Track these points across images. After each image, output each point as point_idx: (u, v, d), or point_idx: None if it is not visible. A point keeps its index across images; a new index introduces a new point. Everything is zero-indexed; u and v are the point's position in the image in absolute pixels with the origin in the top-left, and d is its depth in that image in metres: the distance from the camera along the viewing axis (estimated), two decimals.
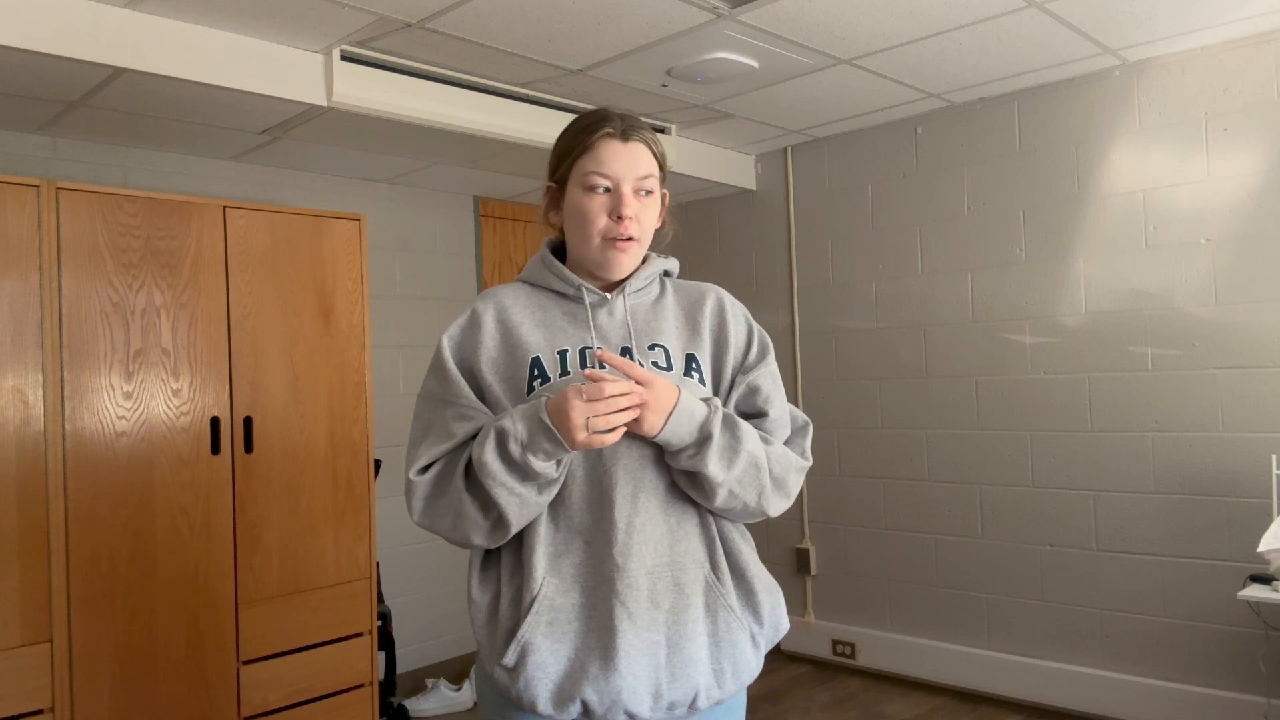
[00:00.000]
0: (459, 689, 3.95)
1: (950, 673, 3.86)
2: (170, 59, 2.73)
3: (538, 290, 1.49)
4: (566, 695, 1.30)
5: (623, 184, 1.41)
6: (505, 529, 1.32)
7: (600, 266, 1.44)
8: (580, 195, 1.42)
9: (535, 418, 1.27)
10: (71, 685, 2.69)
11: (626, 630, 1.30)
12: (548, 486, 1.32)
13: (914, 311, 3.99)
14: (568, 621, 1.31)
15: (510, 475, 1.28)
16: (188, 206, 3.00)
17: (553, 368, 1.38)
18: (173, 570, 2.91)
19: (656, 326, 1.46)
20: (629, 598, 1.31)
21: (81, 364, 2.75)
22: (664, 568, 1.34)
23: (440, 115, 3.24)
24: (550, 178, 1.50)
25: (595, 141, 1.41)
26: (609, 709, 1.30)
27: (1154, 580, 3.35)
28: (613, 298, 1.46)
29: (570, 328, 1.43)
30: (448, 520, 1.35)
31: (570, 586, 1.33)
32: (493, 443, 1.29)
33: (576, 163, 1.43)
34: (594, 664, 1.30)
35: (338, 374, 3.33)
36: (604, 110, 1.46)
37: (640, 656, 1.30)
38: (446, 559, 4.32)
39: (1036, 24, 2.98)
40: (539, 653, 1.30)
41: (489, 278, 4.62)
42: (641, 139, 1.44)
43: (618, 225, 1.40)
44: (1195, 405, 3.26)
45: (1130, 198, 3.40)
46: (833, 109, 3.82)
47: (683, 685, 1.32)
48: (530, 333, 1.42)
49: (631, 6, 2.74)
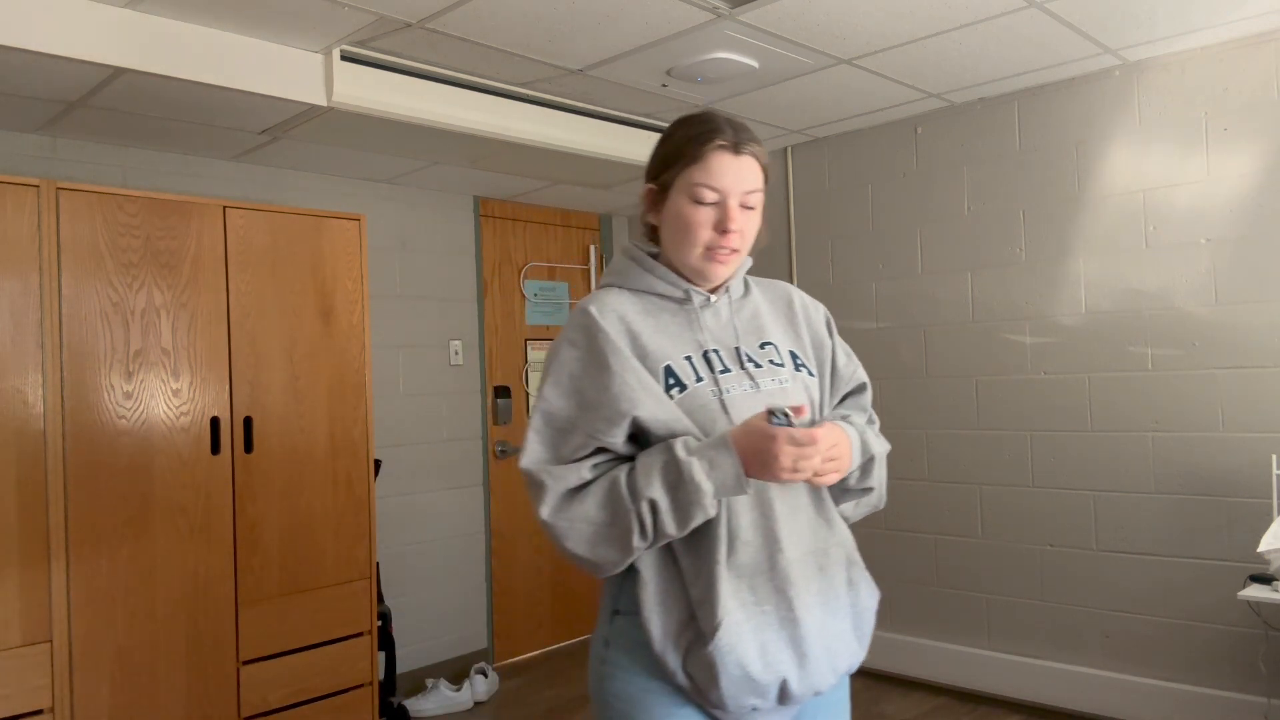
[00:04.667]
0: (459, 689, 3.95)
1: (950, 673, 3.86)
2: (170, 59, 2.73)
3: (639, 294, 1.46)
4: (763, 686, 1.33)
5: (730, 197, 1.41)
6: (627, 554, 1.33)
7: (698, 275, 1.46)
8: (686, 204, 1.42)
9: (726, 458, 1.30)
10: (71, 685, 2.69)
11: (805, 617, 1.35)
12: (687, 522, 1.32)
13: (914, 311, 3.99)
14: (755, 616, 1.34)
15: (673, 511, 1.29)
16: (188, 206, 3.00)
17: (686, 375, 1.39)
18: (173, 570, 2.91)
19: (759, 325, 1.50)
20: (801, 586, 1.36)
21: (81, 364, 2.75)
22: (820, 553, 1.41)
23: (440, 115, 3.24)
24: (651, 179, 1.49)
25: (707, 153, 1.40)
26: (803, 692, 1.37)
27: (1154, 580, 3.35)
28: (716, 299, 1.48)
29: (685, 331, 1.44)
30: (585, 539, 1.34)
31: (749, 582, 1.35)
32: (665, 476, 1.30)
33: (685, 171, 1.41)
34: (785, 652, 1.34)
35: (338, 374, 3.33)
36: (714, 117, 1.44)
37: (818, 638, 1.37)
38: (446, 559, 4.33)
39: (1036, 24, 2.98)
40: (736, 647, 1.31)
41: (489, 278, 4.62)
42: (752, 151, 1.43)
43: (722, 238, 1.41)
44: (1195, 405, 3.26)
45: (1130, 197, 3.40)
46: (833, 109, 3.82)
47: (845, 656, 1.42)
48: (652, 339, 1.40)
49: (631, 6, 2.74)
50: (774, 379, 1.45)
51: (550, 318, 4.90)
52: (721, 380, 1.40)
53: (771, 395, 1.42)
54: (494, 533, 4.54)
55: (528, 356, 4.76)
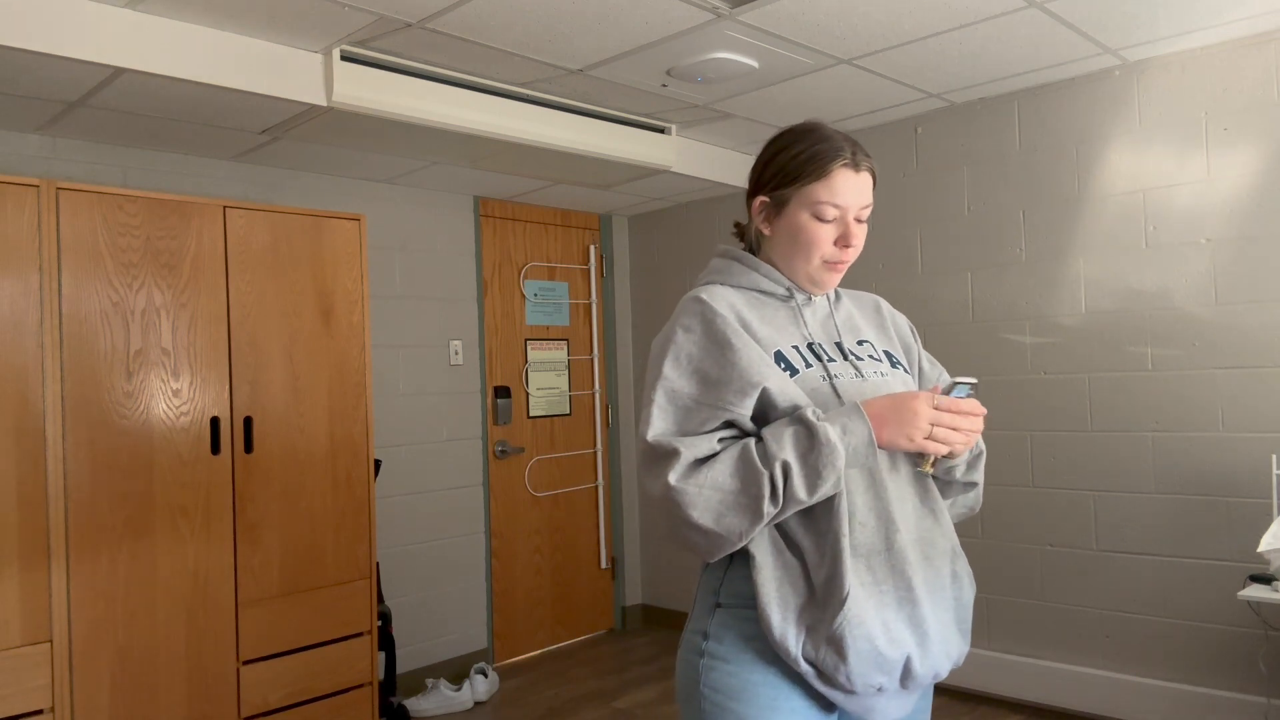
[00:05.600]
0: (459, 689, 3.95)
1: (950, 673, 3.85)
2: (170, 59, 2.73)
3: (743, 290, 1.51)
4: (890, 662, 1.35)
5: (849, 213, 1.46)
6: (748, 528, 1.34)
7: (814, 284, 1.51)
8: (807, 219, 1.46)
9: (860, 425, 1.34)
10: (71, 685, 2.69)
11: (923, 597, 1.38)
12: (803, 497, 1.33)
13: (914, 311, 3.99)
14: (875, 595, 1.35)
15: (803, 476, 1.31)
16: (188, 206, 3.00)
17: (796, 361, 1.43)
18: (173, 570, 2.91)
19: (855, 324, 1.57)
20: (916, 567, 1.39)
21: (81, 364, 2.75)
22: (926, 542, 1.43)
23: (440, 115, 3.24)
24: (763, 190, 1.51)
25: (831, 171, 1.44)
26: (924, 673, 1.39)
27: (1154, 580, 3.35)
28: (816, 298, 1.54)
29: (790, 324, 1.49)
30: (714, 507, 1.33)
31: (867, 562, 1.36)
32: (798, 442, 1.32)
33: (807, 188, 1.45)
34: (907, 630, 1.37)
35: (338, 374, 3.33)
36: (833, 135, 1.47)
37: (934, 621, 1.40)
38: (446, 559, 4.33)
39: (1036, 24, 2.98)
40: (866, 621, 1.33)
41: (489, 278, 4.62)
42: (869, 168, 1.48)
43: (842, 252, 1.47)
44: (1195, 405, 3.26)
45: (1130, 197, 3.40)
46: (832, 109, 3.82)
47: (957, 644, 1.45)
48: (761, 328, 1.45)
49: (631, 6, 2.74)
50: (876, 371, 1.50)
51: (550, 318, 4.90)
52: (830, 368, 1.45)
53: (876, 385, 1.47)
54: (494, 533, 4.54)
55: (528, 356, 4.76)
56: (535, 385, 4.77)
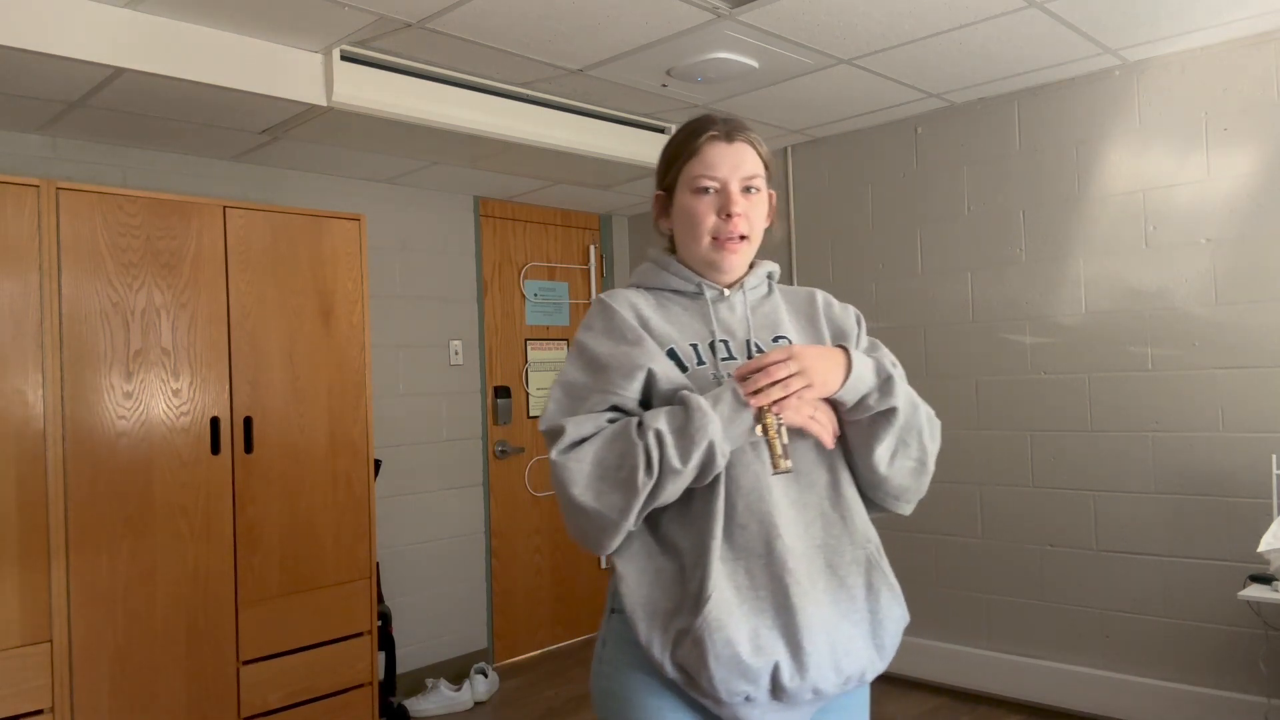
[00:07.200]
0: (459, 689, 3.95)
1: (950, 673, 3.86)
2: (170, 59, 2.73)
3: (654, 291, 1.52)
4: (754, 671, 1.30)
5: (730, 183, 1.45)
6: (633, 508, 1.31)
7: (712, 266, 1.49)
8: (689, 198, 1.47)
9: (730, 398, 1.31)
10: (71, 685, 2.69)
11: (804, 606, 1.32)
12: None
13: (914, 311, 3.99)
14: (750, 600, 1.32)
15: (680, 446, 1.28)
16: (188, 206, 3.00)
17: (688, 358, 1.42)
18: (173, 570, 2.91)
19: (776, 320, 1.53)
20: (802, 576, 1.34)
21: (81, 364, 2.75)
22: (830, 549, 1.39)
23: (440, 115, 3.24)
24: (659, 186, 1.54)
25: (701, 145, 1.46)
26: (797, 687, 1.32)
27: (1154, 580, 3.35)
28: (730, 294, 1.51)
29: (695, 323, 1.48)
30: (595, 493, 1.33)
31: (746, 565, 1.34)
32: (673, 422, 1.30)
33: (684, 168, 1.47)
34: (779, 640, 1.31)
35: (338, 374, 3.33)
36: (708, 115, 1.50)
37: (820, 633, 1.33)
38: (446, 559, 4.33)
39: (1036, 24, 2.98)
40: (726, 625, 1.29)
41: (489, 278, 4.62)
42: (746, 139, 1.48)
43: (727, 224, 1.45)
44: (1195, 405, 3.26)
45: (1130, 197, 3.40)
46: (833, 109, 3.82)
47: (855, 660, 1.36)
48: (660, 326, 1.45)
49: (631, 6, 2.74)
50: None
51: (550, 318, 4.90)
52: (723, 365, 1.43)
53: None
54: (494, 533, 4.54)
55: (528, 356, 4.76)
56: (535, 385, 4.77)
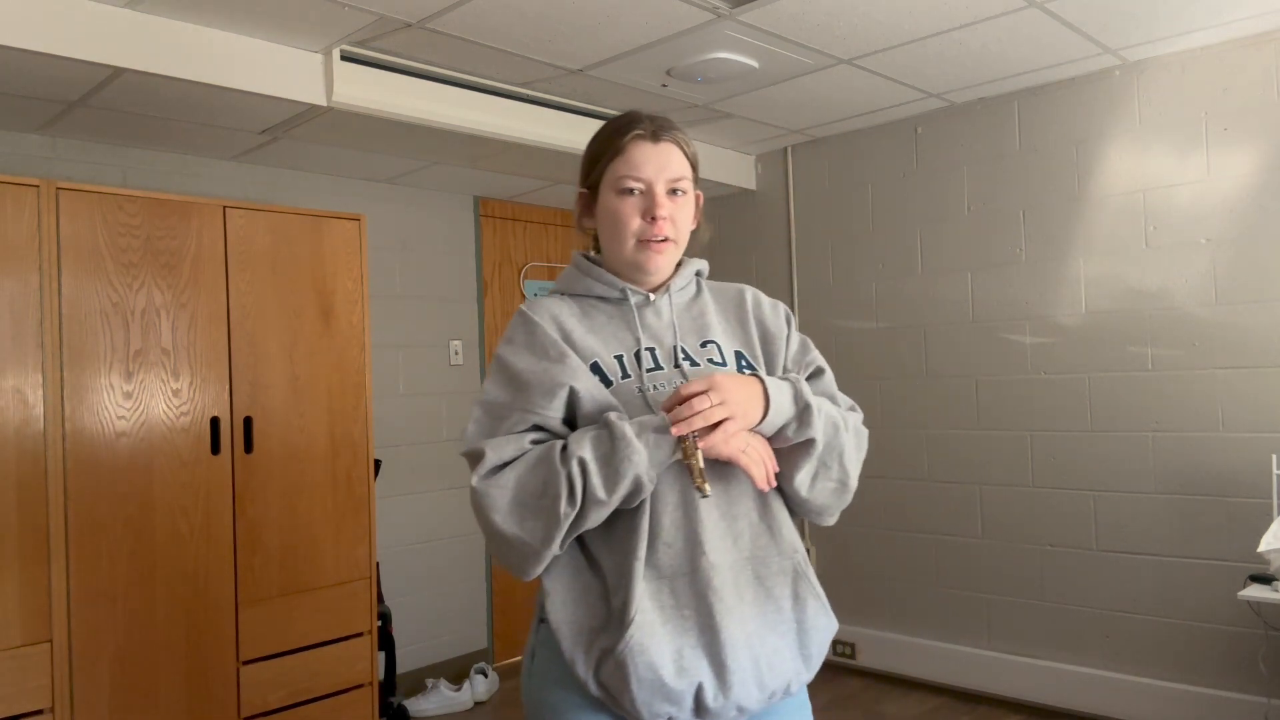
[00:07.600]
0: (459, 689, 3.95)
1: (950, 673, 3.86)
2: (170, 59, 2.72)
3: (578, 299, 1.47)
4: (676, 693, 1.27)
5: (655, 185, 1.41)
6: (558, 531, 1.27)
7: (636, 269, 1.44)
8: (613, 198, 1.42)
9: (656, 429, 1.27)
10: (71, 685, 2.69)
11: (727, 624, 1.29)
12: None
13: (914, 311, 3.99)
14: (674, 620, 1.29)
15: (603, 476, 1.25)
16: (188, 206, 3.00)
17: (613, 372, 1.37)
18: (173, 570, 2.90)
19: (704, 323, 1.48)
20: (728, 593, 1.30)
21: (81, 364, 2.75)
22: (758, 561, 1.35)
23: (440, 115, 3.24)
24: (582, 183, 1.50)
25: (626, 144, 1.41)
26: (721, 707, 1.29)
27: (1154, 580, 3.35)
28: (656, 298, 1.46)
29: (620, 331, 1.43)
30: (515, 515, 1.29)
31: (670, 585, 1.30)
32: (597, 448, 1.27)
33: (609, 166, 1.43)
34: (702, 660, 1.28)
35: (338, 374, 3.33)
36: (634, 112, 1.46)
37: (744, 650, 1.30)
38: (446, 559, 4.33)
39: (1036, 24, 2.98)
40: (648, 648, 1.26)
41: (489, 278, 4.62)
42: (673, 139, 1.44)
43: (651, 226, 1.41)
44: (1195, 405, 3.26)
45: (1130, 197, 3.40)
46: (833, 109, 3.82)
47: (780, 673, 1.33)
48: (583, 339, 1.40)
49: (631, 6, 2.74)
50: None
51: None
52: (649, 377, 1.38)
53: None
54: None
55: None
56: None
